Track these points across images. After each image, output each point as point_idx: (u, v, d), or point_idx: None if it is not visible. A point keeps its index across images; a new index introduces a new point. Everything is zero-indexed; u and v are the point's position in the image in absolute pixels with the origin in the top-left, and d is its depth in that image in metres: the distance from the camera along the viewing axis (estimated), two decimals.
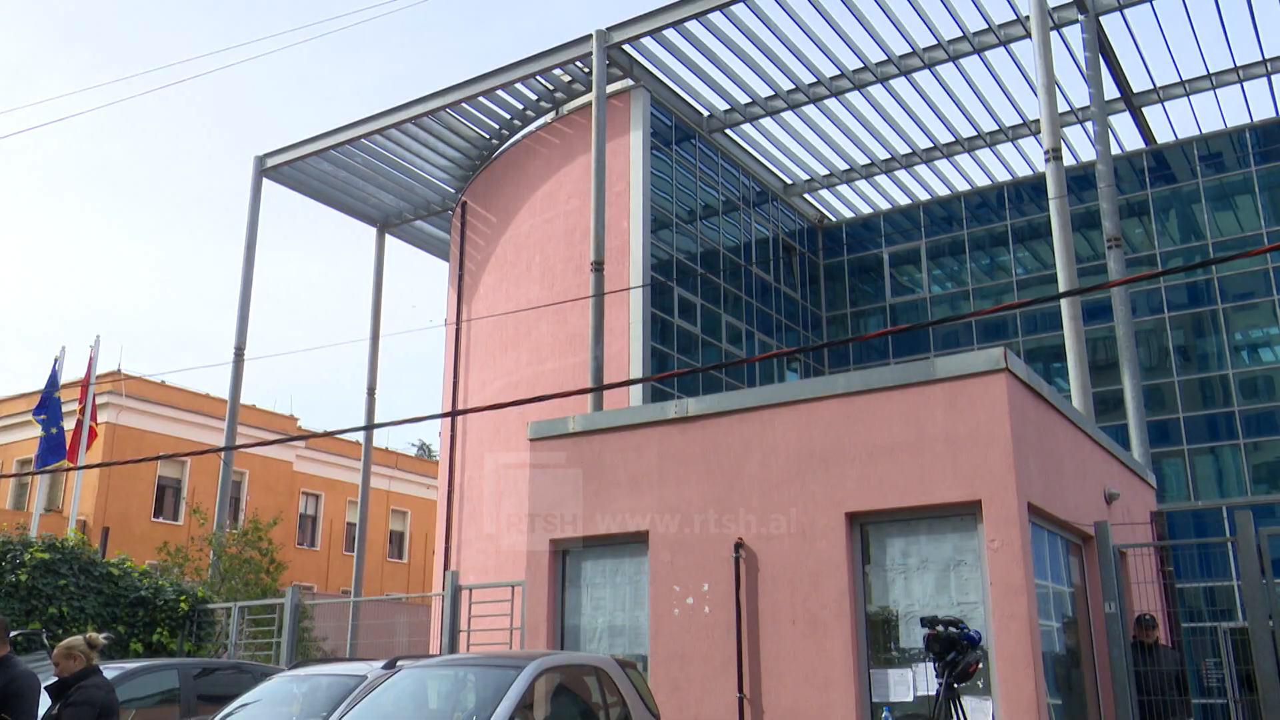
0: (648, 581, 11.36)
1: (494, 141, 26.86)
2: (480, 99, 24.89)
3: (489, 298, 25.70)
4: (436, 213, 30.31)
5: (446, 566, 24.31)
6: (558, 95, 24.93)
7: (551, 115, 25.53)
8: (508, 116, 25.86)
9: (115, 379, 31.90)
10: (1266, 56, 23.60)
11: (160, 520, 33.41)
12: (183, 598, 15.45)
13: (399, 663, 8.53)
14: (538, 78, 24.13)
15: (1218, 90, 24.81)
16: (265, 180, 28.36)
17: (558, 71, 23.93)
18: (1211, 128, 26.24)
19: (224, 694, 9.81)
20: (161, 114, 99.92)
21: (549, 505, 12.26)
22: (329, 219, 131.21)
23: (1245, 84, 24.53)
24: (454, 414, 24.39)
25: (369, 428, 16.90)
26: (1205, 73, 24.32)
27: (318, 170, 28.39)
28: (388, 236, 31.53)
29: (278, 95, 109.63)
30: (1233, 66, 24.02)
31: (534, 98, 25.12)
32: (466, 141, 26.88)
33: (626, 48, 22.97)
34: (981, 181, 28.80)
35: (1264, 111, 25.58)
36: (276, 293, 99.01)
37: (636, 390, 21.15)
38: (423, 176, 28.62)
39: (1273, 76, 24.15)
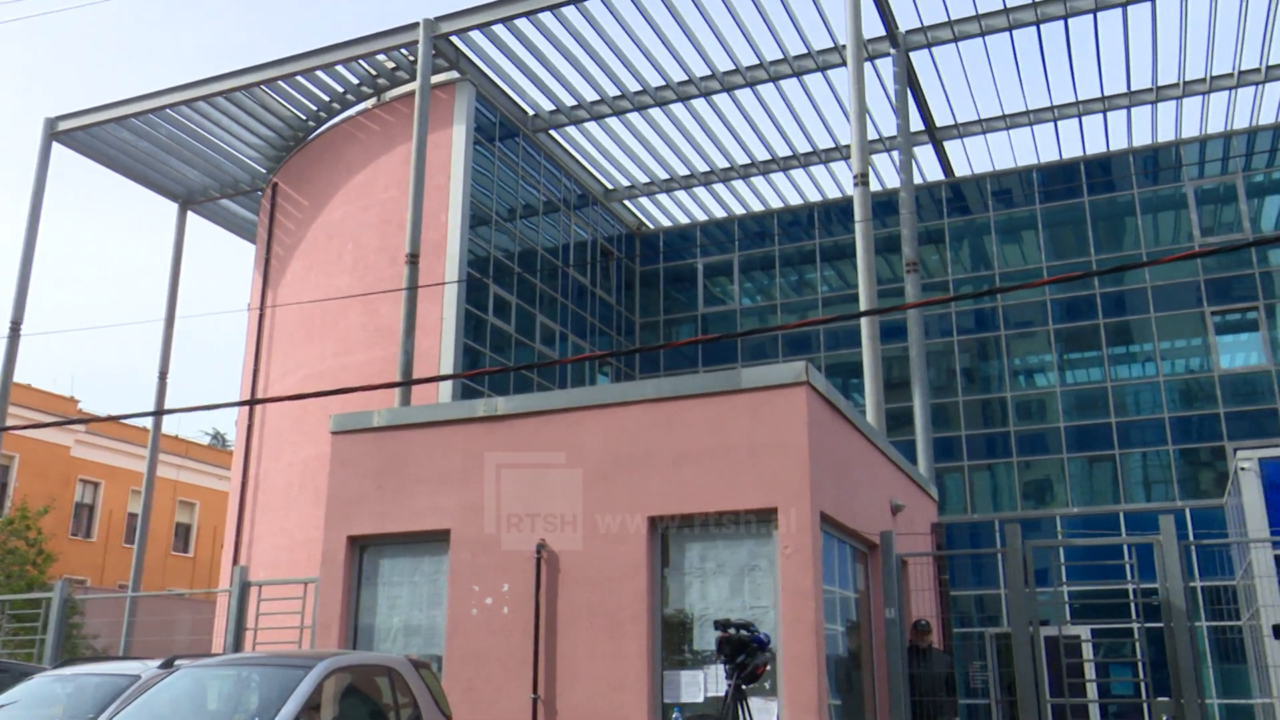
0: (447, 581, 11.22)
1: (310, 123, 25.96)
2: (298, 78, 24.02)
3: (296, 284, 24.81)
4: (244, 192, 29.05)
5: (236, 562, 23.30)
6: (380, 82, 24.33)
7: (373, 101, 24.89)
8: (326, 99, 25.05)
9: None
10: (1054, 103, 25.42)
11: None
12: None
13: (177, 662, 8.13)
14: (360, 62, 23.50)
15: (1011, 131, 26.57)
16: (56, 145, 26.51)
17: (381, 57, 23.36)
18: (1004, 165, 28.07)
19: None
20: None
21: (348, 501, 11.94)
22: (128, 191, 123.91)
23: (1035, 127, 26.36)
24: (253, 402, 23.41)
25: (158, 413, 15.96)
26: (1001, 114, 25.99)
27: (116, 139, 26.74)
28: (190, 214, 30.01)
29: (93, 57, 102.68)
30: (1025, 110, 25.76)
31: (355, 82, 24.44)
32: (281, 121, 25.88)
33: (454, 39, 22.66)
34: (794, 200, 29.84)
35: (1050, 154, 27.57)
36: (65, 267, 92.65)
37: (446, 387, 20.86)
38: (232, 154, 27.37)
39: (1059, 122, 26.04)
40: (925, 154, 27.42)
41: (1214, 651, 18.30)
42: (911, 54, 23.52)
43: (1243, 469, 15.04)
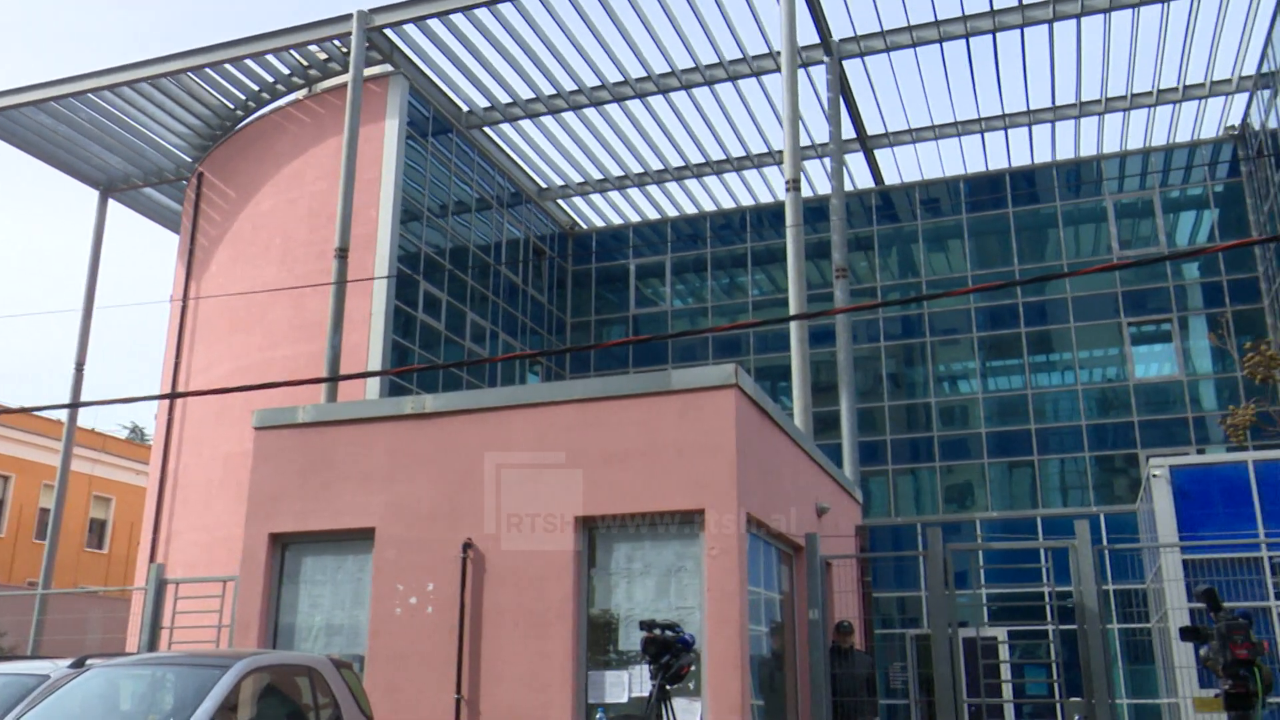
0: (370, 579, 11.09)
1: (239, 113, 25.47)
2: (227, 66, 23.54)
3: (221, 276, 24.32)
4: (169, 181, 28.39)
5: (153, 559, 22.76)
6: (312, 72, 23.97)
7: (304, 92, 24.50)
8: (256, 88, 24.59)
9: None
10: (982, 115, 25.94)
11: None
12: None
13: (88, 661, 7.91)
14: (291, 51, 23.12)
15: (939, 141, 27.05)
16: None
17: (314, 48, 23.01)
18: (932, 175, 28.58)
19: None
20: None
21: (270, 497, 11.75)
22: (46, 177, 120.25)
23: (963, 138, 26.88)
24: (174, 396, 22.93)
25: (74, 405, 15.45)
26: (930, 124, 26.45)
27: (35, 123, 25.94)
28: (111, 201, 29.25)
29: (13, 38, 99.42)
30: (953, 121, 26.26)
31: (286, 72, 24.03)
32: (208, 109, 25.34)
33: (388, 32, 22.41)
34: (726, 204, 30.04)
35: (976, 165, 28.15)
36: None
37: (373, 384, 20.62)
38: (156, 141, 26.72)
39: (985, 134, 26.59)
40: (856, 161, 27.82)
41: (1124, 653, 18.83)
42: (844, 62, 23.83)
43: (1154, 476, 15.50)
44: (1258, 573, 14.17)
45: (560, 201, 30.15)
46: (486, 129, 26.35)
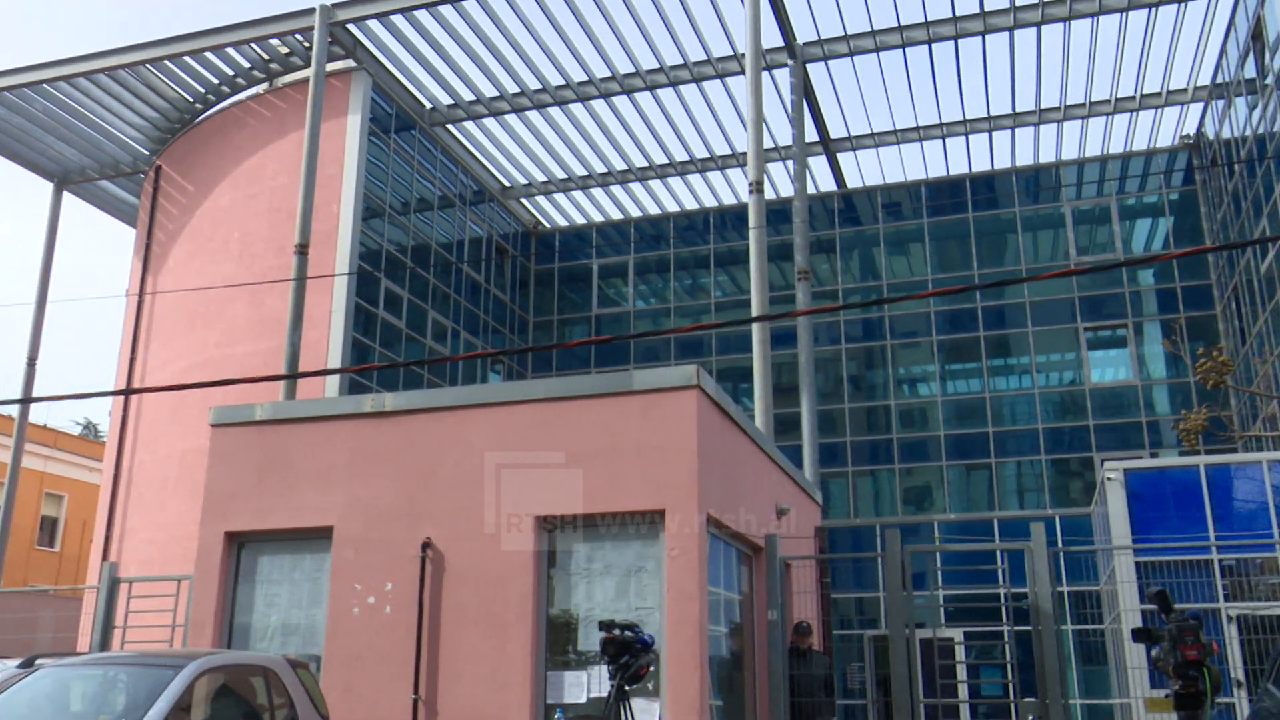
0: (328, 579, 11.00)
1: (198, 106, 25.14)
2: (187, 59, 23.25)
3: (179, 271, 24.01)
4: (125, 174, 27.97)
5: (106, 557, 22.42)
6: (273, 66, 23.72)
7: (265, 86, 24.24)
8: (216, 81, 24.29)
9: None
10: (943, 120, 26.18)
11: None
12: None
13: (38, 661, 7.79)
14: (252, 45, 22.86)
15: (901, 146, 27.28)
16: None
17: (275, 42, 22.78)
18: (894, 179, 28.81)
19: None
20: None
21: (227, 496, 11.62)
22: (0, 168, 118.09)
23: (924, 143, 27.11)
24: (129, 392, 22.59)
25: (25, 400, 15.24)
26: (892, 128, 26.65)
27: None
28: (66, 194, 28.77)
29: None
30: (915, 126, 26.48)
31: (247, 66, 23.76)
32: (167, 102, 24.98)
33: (351, 27, 22.23)
34: (690, 205, 30.10)
35: (938, 170, 28.40)
36: None
37: (333, 382, 20.45)
38: (113, 133, 26.30)
39: (947, 139, 26.84)
40: (819, 164, 27.97)
41: (1078, 653, 19.08)
42: (808, 66, 23.97)
43: (1109, 479, 15.72)
44: (1208, 575, 14.42)
45: (523, 200, 30.06)
46: (450, 126, 26.21)
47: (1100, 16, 21.91)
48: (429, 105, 25.37)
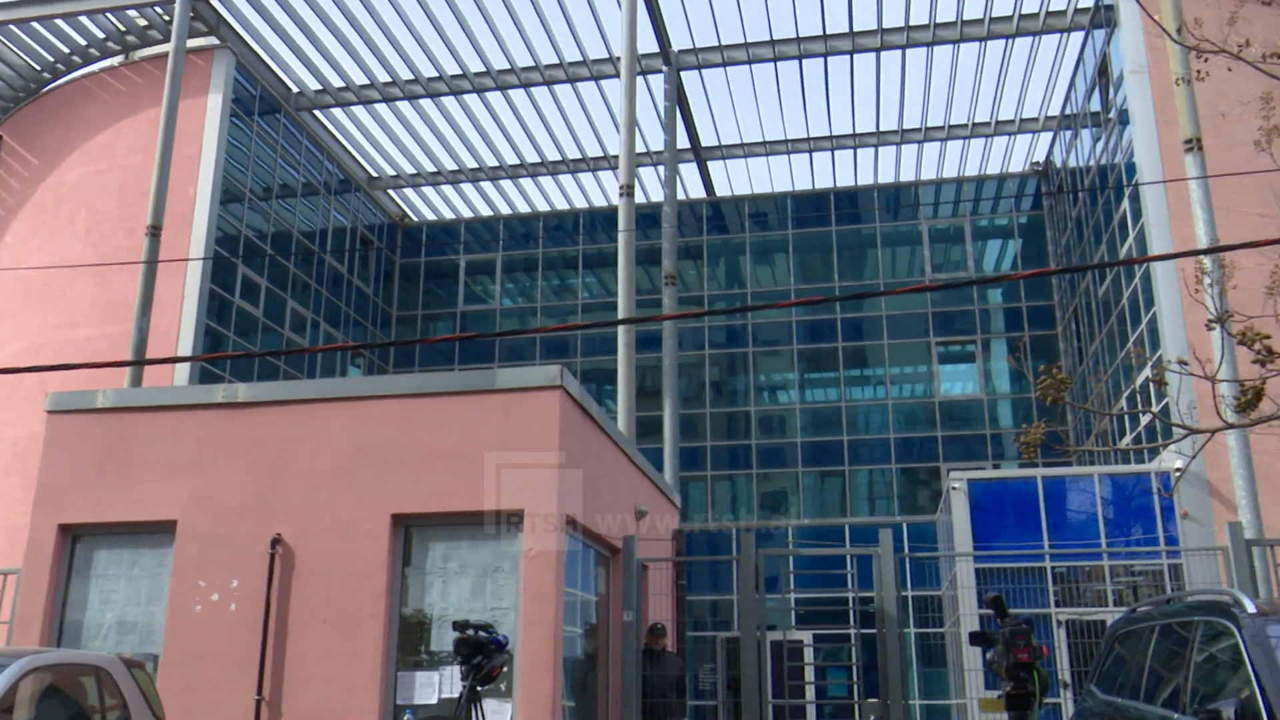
0: (170, 575, 10.57)
1: (46, 75, 23.82)
2: (35, 25, 22.02)
3: (18, 248, 22.71)
4: None
5: None
6: (130, 39, 22.67)
7: (120, 59, 23.14)
8: (66, 51, 23.05)
9: None
10: (810, 135, 26.84)
11: None
12: None
13: None
14: (108, 15, 21.82)
15: (770, 157, 27.85)
16: None
17: (133, 13, 21.78)
18: (761, 189, 29.38)
19: None
20: None
21: (62, 486, 11.04)
22: None
23: (791, 156, 27.75)
24: None
25: None
26: (762, 140, 27.19)
27: None
28: None
29: None
30: (784, 139, 27.07)
31: (101, 36, 22.63)
32: (11, 69, 23.60)
33: (215, 3, 21.47)
34: (560, 205, 30.07)
35: (803, 183, 29.10)
36: None
37: (182, 370, 19.67)
38: None
39: (813, 153, 27.53)
40: (689, 171, 28.31)
41: (920, 656, 19.82)
42: (682, 73, 24.24)
43: (953, 489, 16.39)
44: (1042, 581, 15.17)
45: (391, 192, 29.52)
46: (316, 112, 25.55)
47: (961, 44, 22.82)
48: (295, 89, 24.67)
